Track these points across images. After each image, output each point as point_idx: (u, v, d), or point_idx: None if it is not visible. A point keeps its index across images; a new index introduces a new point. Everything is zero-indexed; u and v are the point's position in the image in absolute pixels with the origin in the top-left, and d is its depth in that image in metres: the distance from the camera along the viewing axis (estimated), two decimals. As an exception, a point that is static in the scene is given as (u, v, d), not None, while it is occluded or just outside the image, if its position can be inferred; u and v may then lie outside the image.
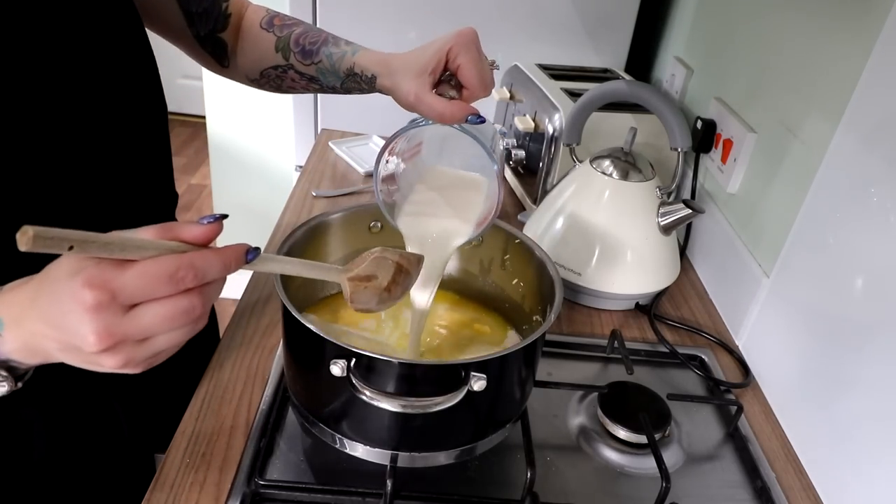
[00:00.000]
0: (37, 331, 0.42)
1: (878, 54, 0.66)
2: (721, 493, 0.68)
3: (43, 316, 0.41)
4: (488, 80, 0.60)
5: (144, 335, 0.41)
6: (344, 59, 0.71)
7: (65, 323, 0.40)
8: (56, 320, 0.40)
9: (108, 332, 0.39)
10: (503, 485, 0.65)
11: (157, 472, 0.62)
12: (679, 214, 0.88)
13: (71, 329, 0.40)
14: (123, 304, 0.40)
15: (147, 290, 0.39)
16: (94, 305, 0.38)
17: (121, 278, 0.39)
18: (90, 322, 0.39)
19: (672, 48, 1.27)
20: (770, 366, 0.81)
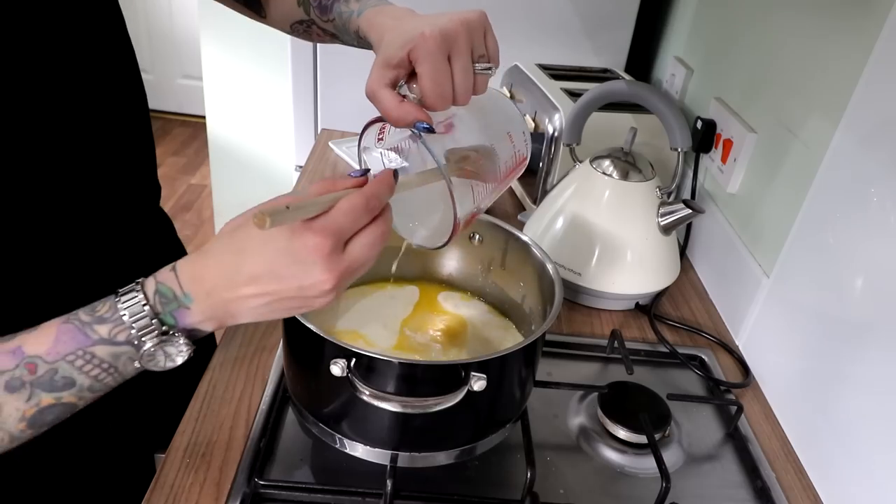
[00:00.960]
0: (237, 294, 0.47)
1: (878, 54, 0.66)
2: (721, 493, 0.68)
3: (255, 273, 0.46)
4: (445, 93, 0.51)
5: (358, 264, 0.48)
6: (350, 20, 0.69)
7: (294, 271, 0.46)
8: (281, 271, 0.46)
9: (337, 269, 0.46)
10: (503, 485, 0.65)
11: (157, 472, 0.62)
12: (679, 214, 0.88)
13: (303, 274, 0.46)
14: (342, 243, 0.47)
15: (355, 223, 0.47)
16: (325, 249, 0.45)
17: (335, 221, 0.46)
18: (324, 264, 0.45)
19: (672, 48, 1.27)
20: (770, 366, 0.81)
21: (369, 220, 0.48)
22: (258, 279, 0.46)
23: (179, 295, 0.47)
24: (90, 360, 0.47)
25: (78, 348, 0.47)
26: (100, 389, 0.49)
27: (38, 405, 0.47)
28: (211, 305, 0.48)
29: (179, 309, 0.48)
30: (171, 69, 3.45)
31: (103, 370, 0.48)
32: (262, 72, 2.02)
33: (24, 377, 0.46)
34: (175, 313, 0.48)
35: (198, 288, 0.48)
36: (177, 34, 3.34)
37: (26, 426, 0.47)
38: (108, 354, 0.47)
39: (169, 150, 3.32)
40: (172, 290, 0.48)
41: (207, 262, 0.48)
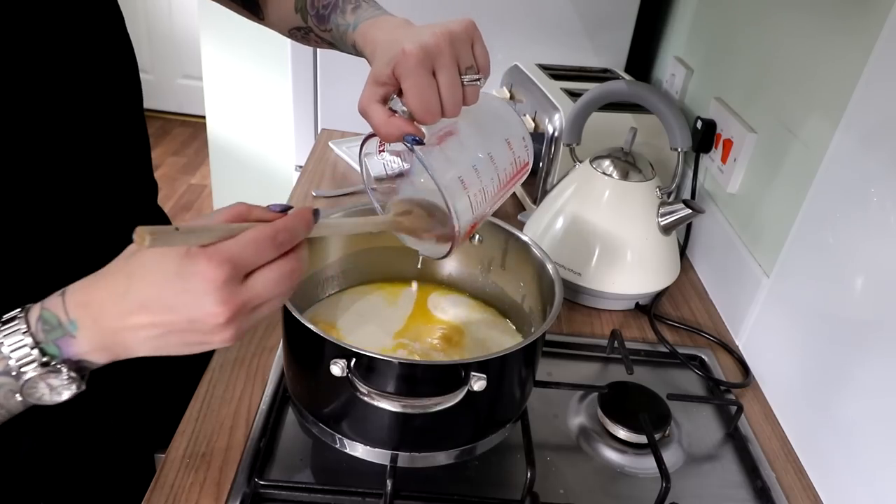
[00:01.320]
0: (126, 323, 0.43)
1: (878, 54, 0.66)
2: (721, 493, 0.68)
3: (144, 301, 0.43)
4: (432, 108, 0.51)
5: (259, 301, 0.44)
6: (347, 34, 0.69)
7: (184, 300, 0.42)
8: (170, 300, 0.42)
9: (232, 301, 0.42)
10: (503, 485, 0.65)
11: (157, 472, 0.62)
12: (679, 214, 0.88)
13: (193, 305, 0.42)
14: (241, 274, 0.43)
15: (259, 256, 0.43)
16: (219, 279, 0.41)
17: (235, 249, 0.42)
18: (217, 295, 0.41)
19: (672, 48, 1.27)
20: (770, 366, 0.81)
21: (276, 256, 0.44)
22: (147, 307, 0.43)
23: (64, 322, 0.44)
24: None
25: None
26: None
27: None
28: (99, 334, 0.44)
29: (64, 337, 0.44)
30: (171, 69, 3.45)
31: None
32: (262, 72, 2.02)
33: None
34: (59, 342, 0.44)
35: (84, 314, 0.44)
36: (177, 34, 3.34)
37: None
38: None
39: (169, 150, 3.32)
40: (57, 316, 0.44)
41: (97, 286, 0.45)
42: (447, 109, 0.52)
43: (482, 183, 0.55)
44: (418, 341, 0.70)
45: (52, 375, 0.45)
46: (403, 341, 0.70)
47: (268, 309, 0.46)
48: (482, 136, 0.57)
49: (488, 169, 0.56)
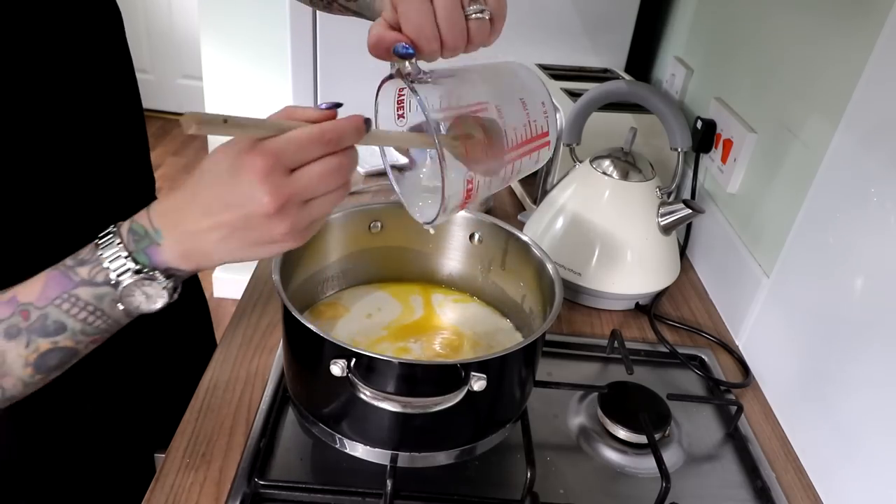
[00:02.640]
0: (199, 226, 0.46)
1: (878, 54, 0.66)
2: (721, 493, 0.68)
3: (208, 203, 0.45)
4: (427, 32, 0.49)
5: (307, 194, 0.45)
6: (374, 1, 0.68)
7: (237, 195, 0.44)
8: (226, 197, 0.44)
9: (277, 191, 0.43)
10: (503, 485, 0.65)
11: (157, 472, 0.62)
12: (679, 214, 0.88)
13: (244, 197, 0.44)
14: (286, 167, 0.44)
15: (302, 152, 0.44)
16: (263, 169, 0.43)
17: (277, 144, 0.44)
18: (263, 184, 0.43)
19: (672, 48, 1.27)
20: (770, 366, 0.81)
21: (323, 154, 0.45)
22: (210, 208, 0.45)
23: (150, 231, 0.47)
24: (75, 302, 0.47)
25: (63, 292, 0.47)
26: (94, 333, 0.49)
27: (38, 350, 0.47)
28: (179, 240, 0.47)
29: (151, 246, 0.47)
30: (171, 69, 3.45)
31: (90, 313, 0.48)
32: (262, 72, 2.02)
33: (19, 324, 0.47)
34: (147, 251, 0.47)
35: (166, 222, 0.47)
36: (177, 34, 3.34)
37: (33, 371, 0.48)
38: (91, 296, 0.47)
39: (169, 150, 3.32)
40: (144, 227, 0.47)
41: (174, 195, 0.47)
42: (446, 38, 0.50)
43: None
44: (418, 341, 0.70)
45: (146, 283, 0.47)
46: (403, 343, 0.70)
47: (321, 206, 0.47)
48: (493, 87, 0.53)
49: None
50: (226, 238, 0.46)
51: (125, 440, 0.75)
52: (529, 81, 0.55)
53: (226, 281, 2.39)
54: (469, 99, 0.52)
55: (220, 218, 0.45)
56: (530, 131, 0.54)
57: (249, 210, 0.44)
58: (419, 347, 0.70)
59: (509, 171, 0.54)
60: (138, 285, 0.47)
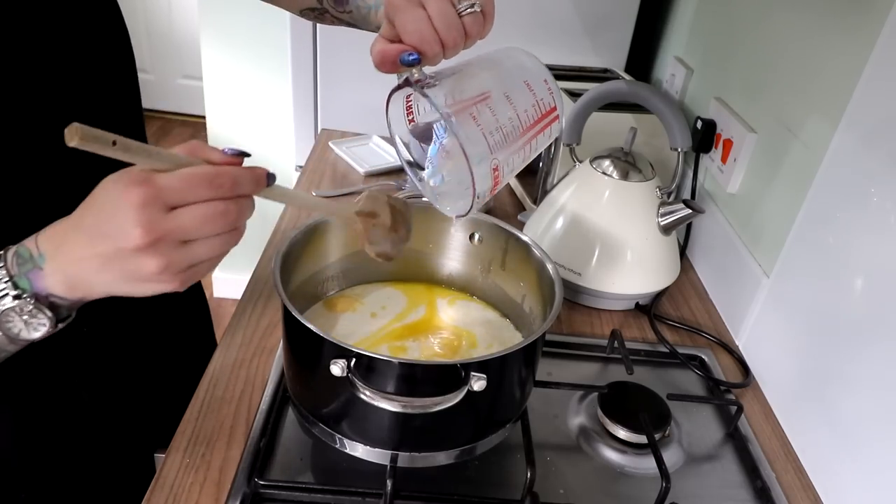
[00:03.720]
0: (79, 254, 0.44)
1: (878, 54, 0.66)
2: (721, 493, 0.68)
3: (89, 230, 0.44)
4: (426, 35, 0.50)
5: (185, 235, 0.43)
6: (370, 14, 0.69)
7: (112, 225, 0.42)
8: (103, 227, 0.43)
9: (150, 226, 0.42)
10: (503, 485, 0.65)
11: (157, 472, 0.62)
12: (679, 214, 0.88)
13: (116, 228, 0.42)
14: (166, 204, 0.42)
15: (188, 191, 0.43)
16: (140, 201, 0.41)
17: (163, 179, 0.42)
18: (135, 216, 0.41)
19: (672, 48, 1.27)
20: (770, 366, 0.81)
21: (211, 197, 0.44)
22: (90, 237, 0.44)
23: (35, 255, 0.46)
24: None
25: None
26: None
27: None
28: (62, 266, 0.45)
29: (34, 270, 0.46)
30: (171, 69, 3.45)
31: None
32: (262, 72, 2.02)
33: None
34: (29, 275, 0.46)
35: (51, 247, 0.46)
36: (177, 34, 3.34)
37: None
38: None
39: (169, 150, 3.31)
40: (29, 250, 0.46)
41: (64, 222, 0.46)
42: (446, 39, 0.51)
43: (497, 119, 0.52)
44: (417, 341, 0.70)
45: (25, 309, 0.46)
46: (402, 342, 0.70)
47: (203, 250, 0.45)
48: (496, 75, 0.55)
49: (503, 106, 0.52)
50: (102, 269, 0.44)
51: (125, 440, 0.75)
52: (529, 62, 0.56)
53: (226, 281, 2.39)
54: (474, 91, 0.52)
55: (96, 248, 0.44)
56: (539, 110, 0.55)
57: (120, 243, 0.42)
58: (418, 347, 0.70)
59: (528, 151, 0.55)
60: (17, 312, 0.46)
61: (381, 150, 1.27)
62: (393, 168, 1.23)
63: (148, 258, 0.43)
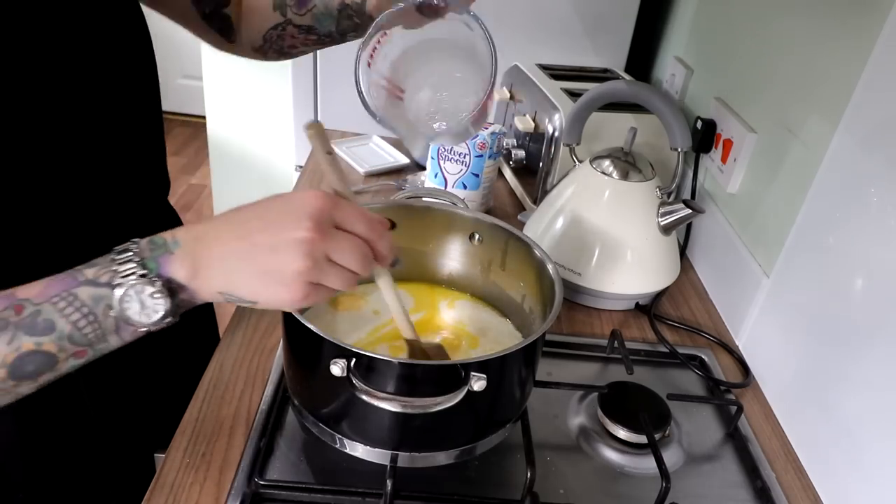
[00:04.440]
0: (222, 242, 0.49)
1: (877, 55, 0.66)
2: (721, 493, 0.68)
3: (246, 223, 0.49)
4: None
5: (334, 252, 0.48)
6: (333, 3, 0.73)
7: (282, 218, 0.48)
8: (270, 217, 0.48)
9: (320, 227, 0.47)
10: (503, 485, 0.65)
11: (157, 472, 0.62)
12: (679, 214, 0.88)
13: (288, 220, 0.47)
14: (336, 221, 0.49)
15: (354, 220, 0.50)
16: (321, 205, 0.48)
17: (341, 200, 0.50)
18: (313, 213, 0.47)
19: (672, 48, 1.27)
20: (770, 366, 0.81)
21: (364, 235, 0.50)
22: (246, 229, 0.48)
23: (169, 242, 0.49)
24: (72, 301, 0.47)
25: (64, 290, 0.47)
26: (79, 342, 0.48)
27: (19, 350, 0.46)
28: (194, 253, 0.48)
29: (164, 254, 0.48)
30: (171, 69, 3.45)
31: (83, 315, 0.47)
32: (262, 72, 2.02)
33: (9, 318, 0.46)
34: (160, 258, 0.48)
35: (188, 236, 0.49)
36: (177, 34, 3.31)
37: (7, 374, 0.47)
38: (89, 297, 0.47)
39: (169, 150, 3.29)
40: (164, 238, 0.49)
41: (207, 220, 0.51)
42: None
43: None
44: None
45: (146, 290, 0.47)
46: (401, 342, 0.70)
47: (334, 277, 0.49)
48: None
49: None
50: (243, 258, 0.48)
51: (125, 440, 0.75)
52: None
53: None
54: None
55: (251, 237, 0.48)
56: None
57: (286, 233, 0.47)
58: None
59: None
60: (138, 292, 0.47)
61: (381, 150, 1.27)
62: (393, 168, 1.23)
63: (300, 256, 0.47)
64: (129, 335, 0.50)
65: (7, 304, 0.47)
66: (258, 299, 0.50)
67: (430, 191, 0.86)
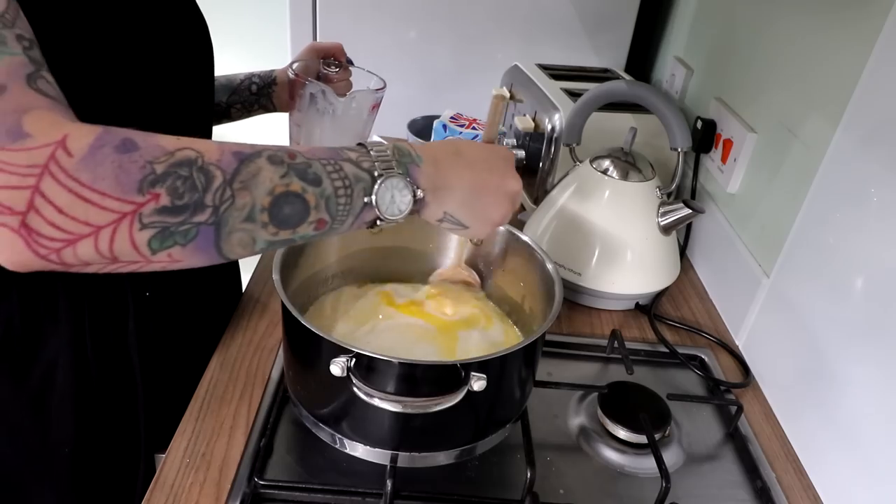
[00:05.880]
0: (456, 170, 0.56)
1: (878, 54, 0.66)
2: (721, 493, 0.68)
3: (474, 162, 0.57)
4: None
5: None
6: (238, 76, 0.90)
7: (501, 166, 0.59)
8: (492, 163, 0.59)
9: (520, 183, 0.60)
10: (503, 485, 0.65)
11: (157, 472, 0.62)
12: (679, 214, 0.88)
13: (506, 172, 0.59)
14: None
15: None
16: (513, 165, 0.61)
17: None
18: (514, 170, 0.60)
19: (672, 48, 1.27)
20: (770, 366, 0.81)
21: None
22: (473, 164, 0.57)
23: (414, 154, 0.54)
24: (338, 169, 0.49)
25: (331, 157, 0.50)
26: (331, 209, 0.49)
27: (288, 186, 0.46)
28: (435, 171, 0.54)
29: (412, 164, 0.53)
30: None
31: (344, 185, 0.49)
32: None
33: (284, 158, 0.47)
34: (408, 165, 0.53)
35: (428, 154, 0.55)
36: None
37: (269, 203, 0.46)
38: (352, 174, 0.50)
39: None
40: (408, 149, 0.54)
41: (434, 145, 0.57)
42: None
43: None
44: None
45: (398, 187, 0.52)
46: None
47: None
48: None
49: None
50: (474, 193, 0.57)
51: (125, 440, 0.75)
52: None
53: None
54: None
55: (482, 177, 0.57)
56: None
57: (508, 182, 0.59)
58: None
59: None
60: (393, 185, 0.51)
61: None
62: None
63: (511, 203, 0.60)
64: (360, 224, 0.52)
65: (280, 149, 0.48)
66: (470, 226, 0.58)
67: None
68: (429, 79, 1.38)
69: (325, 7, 1.31)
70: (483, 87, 1.36)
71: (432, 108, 1.27)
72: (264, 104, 0.92)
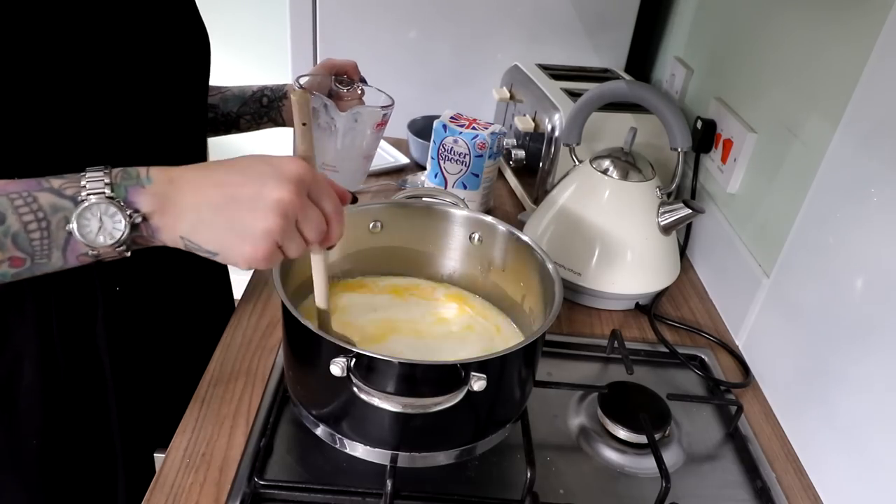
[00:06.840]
0: (200, 189, 0.49)
1: (878, 54, 0.66)
2: (721, 493, 0.68)
3: (227, 174, 0.49)
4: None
5: (302, 220, 0.50)
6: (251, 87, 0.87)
7: (263, 175, 0.48)
8: (252, 172, 0.49)
9: (298, 193, 0.48)
10: (503, 485, 0.65)
11: (157, 472, 0.62)
12: (679, 214, 0.88)
13: (268, 179, 0.48)
14: (309, 189, 0.50)
15: (326, 196, 0.51)
16: (302, 172, 0.49)
17: (319, 176, 0.51)
18: (293, 178, 0.48)
19: (672, 48, 1.27)
20: (770, 366, 0.81)
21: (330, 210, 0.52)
22: (226, 178, 0.49)
23: (142, 176, 0.49)
24: (30, 202, 0.47)
25: (24, 189, 0.47)
26: (23, 246, 0.47)
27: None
28: (168, 191, 0.49)
29: (135, 186, 0.49)
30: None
31: (36, 219, 0.47)
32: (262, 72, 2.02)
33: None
34: (130, 188, 0.48)
35: (162, 176, 0.49)
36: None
37: None
38: (49, 204, 0.47)
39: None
40: (138, 171, 0.49)
41: (187, 166, 0.51)
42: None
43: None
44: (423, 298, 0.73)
45: (109, 210, 0.47)
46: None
47: (294, 241, 0.50)
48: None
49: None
50: (217, 208, 0.48)
51: (125, 440, 0.75)
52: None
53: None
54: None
55: (230, 189, 0.48)
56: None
57: (267, 191, 0.47)
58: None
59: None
60: (101, 211, 0.47)
61: (381, 151, 1.27)
62: (393, 168, 1.23)
63: (276, 214, 0.48)
64: (74, 257, 0.49)
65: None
66: (221, 251, 0.49)
67: (430, 191, 0.86)
68: (429, 79, 1.38)
69: (325, 7, 1.31)
70: (483, 87, 1.36)
71: (432, 108, 1.27)
72: (273, 117, 0.91)
